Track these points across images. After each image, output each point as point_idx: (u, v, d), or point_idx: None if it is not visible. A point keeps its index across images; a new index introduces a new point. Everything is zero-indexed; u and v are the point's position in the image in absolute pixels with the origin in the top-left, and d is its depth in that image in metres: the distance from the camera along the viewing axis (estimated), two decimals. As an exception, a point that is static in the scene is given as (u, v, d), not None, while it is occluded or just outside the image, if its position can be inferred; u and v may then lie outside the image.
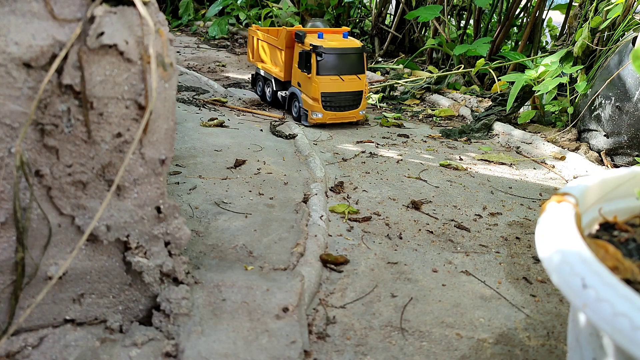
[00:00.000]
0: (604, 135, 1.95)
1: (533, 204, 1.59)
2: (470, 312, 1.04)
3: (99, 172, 0.81)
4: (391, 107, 2.70)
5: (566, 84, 2.12)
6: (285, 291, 0.98)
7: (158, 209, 0.88)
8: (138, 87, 0.79)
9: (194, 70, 3.08)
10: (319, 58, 2.05)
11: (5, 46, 0.71)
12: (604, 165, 1.92)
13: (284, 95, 2.32)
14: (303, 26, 3.39)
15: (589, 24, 2.11)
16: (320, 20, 3.66)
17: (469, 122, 2.42)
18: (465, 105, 2.61)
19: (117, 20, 0.75)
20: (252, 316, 0.91)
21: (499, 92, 2.53)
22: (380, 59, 3.55)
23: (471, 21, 3.26)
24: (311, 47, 2.05)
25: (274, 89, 2.36)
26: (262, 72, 2.47)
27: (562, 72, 2.12)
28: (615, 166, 1.93)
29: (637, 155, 1.87)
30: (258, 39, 2.51)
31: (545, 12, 2.96)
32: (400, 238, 1.32)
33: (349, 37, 2.19)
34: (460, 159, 1.94)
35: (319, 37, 2.10)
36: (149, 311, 0.92)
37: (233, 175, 1.60)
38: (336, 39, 2.14)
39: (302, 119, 2.20)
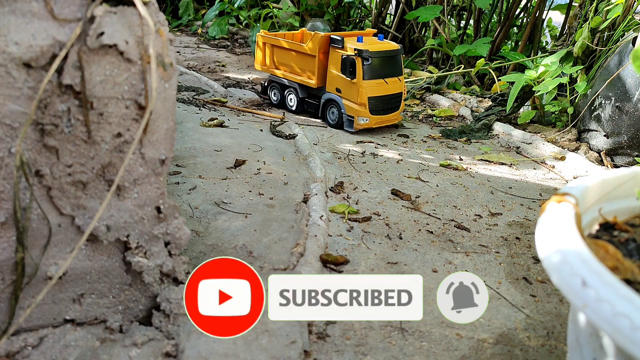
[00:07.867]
0: (604, 136, 1.95)
1: (533, 204, 1.59)
2: (470, 312, 1.04)
3: (99, 172, 0.81)
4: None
5: (566, 84, 2.12)
6: (285, 291, 0.98)
7: (158, 209, 0.88)
8: (138, 87, 0.79)
9: (194, 70, 3.08)
10: (365, 62, 2.01)
11: (5, 46, 0.71)
12: (604, 165, 1.92)
13: (316, 102, 2.26)
14: (302, 26, 3.38)
15: (589, 24, 2.11)
16: (320, 20, 3.65)
17: (469, 122, 2.42)
18: (465, 106, 2.61)
19: (117, 20, 0.75)
20: (252, 316, 0.92)
21: (499, 92, 2.53)
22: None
23: (471, 21, 3.26)
24: (356, 52, 2.01)
25: (300, 96, 2.31)
26: (279, 80, 2.38)
27: (562, 72, 2.12)
28: (615, 166, 1.93)
29: (637, 155, 1.88)
30: (273, 45, 2.38)
31: (545, 12, 2.96)
32: (400, 238, 1.32)
33: (384, 39, 2.19)
34: (460, 159, 1.94)
35: (358, 41, 2.06)
36: (149, 311, 0.92)
37: (233, 175, 1.60)
38: (375, 42, 2.10)
39: (346, 125, 2.13)
